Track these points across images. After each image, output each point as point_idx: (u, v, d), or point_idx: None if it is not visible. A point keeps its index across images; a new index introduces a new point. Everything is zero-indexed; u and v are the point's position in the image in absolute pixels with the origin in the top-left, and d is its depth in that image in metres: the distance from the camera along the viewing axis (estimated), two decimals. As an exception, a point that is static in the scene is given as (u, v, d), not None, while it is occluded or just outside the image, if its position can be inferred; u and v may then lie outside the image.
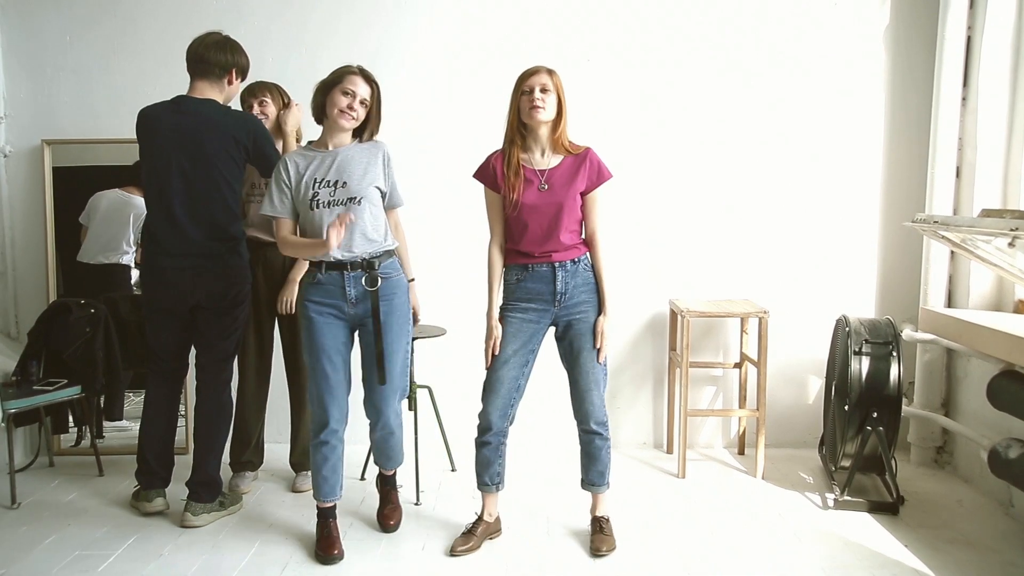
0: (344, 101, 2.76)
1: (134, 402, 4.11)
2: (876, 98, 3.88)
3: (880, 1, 3.83)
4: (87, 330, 3.54)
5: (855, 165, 3.91)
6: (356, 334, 2.89)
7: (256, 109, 3.35)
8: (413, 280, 2.98)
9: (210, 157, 2.97)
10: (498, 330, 2.82)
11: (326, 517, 2.89)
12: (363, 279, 2.78)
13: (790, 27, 3.85)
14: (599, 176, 2.83)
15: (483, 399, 2.84)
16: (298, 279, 3.32)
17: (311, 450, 2.86)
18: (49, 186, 3.90)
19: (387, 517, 3.05)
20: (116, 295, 3.80)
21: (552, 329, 2.91)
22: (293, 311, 3.34)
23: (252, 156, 3.08)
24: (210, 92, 3.05)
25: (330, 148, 2.81)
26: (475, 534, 2.90)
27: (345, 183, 2.76)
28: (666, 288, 3.96)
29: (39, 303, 3.87)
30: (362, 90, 2.79)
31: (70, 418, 3.74)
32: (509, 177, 2.77)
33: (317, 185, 2.75)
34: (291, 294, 3.33)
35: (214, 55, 3.03)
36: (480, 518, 2.95)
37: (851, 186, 3.92)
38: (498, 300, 2.87)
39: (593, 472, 2.93)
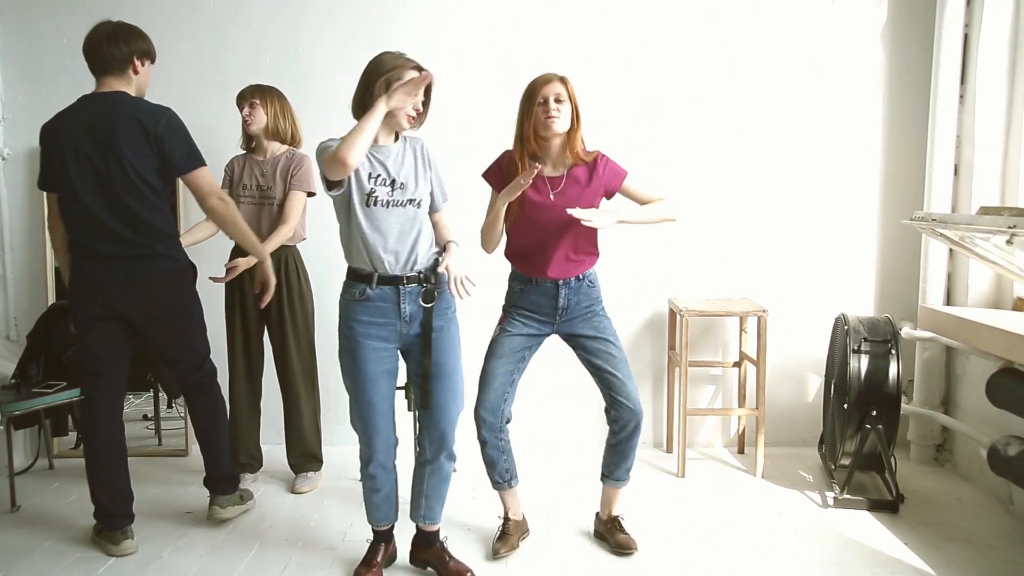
0: (409, 103, 2.41)
1: (134, 404, 4.13)
2: (874, 96, 3.88)
3: (877, -1, 3.84)
4: (86, 332, 3.53)
5: (853, 163, 3.91)
6: (403, 356, 2.63)
7: (245, 111, 3.36)
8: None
9: (122, 148, 2.69)
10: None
11: (380, 540, 2.73)
12: (419, 295, 2.52)
13: (787, 25, 3.85)
14: (616, 177, 2.77)
15: (477, 396, 2.80)
16: (268, 255, 3.11)
17: (362, 478, 2.65)
18: (47, 189, 3.90)
19: (461, 571, 2.67)
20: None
21: (555, 338, 2.89)
22: (264, 298, 3.18)
23: (160, 149, 2.74)
24: (118, 85, 2.79)
25: (378, 143, 2.49)
26: (510, 533, 2.89)
27: (404, 184, 2.48)
28: (665, 287, 3.95)
29: (38, 306, 3.87)
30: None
31: (69, 421, 3.74)
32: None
33: (373, 181, 2.45)
34: (269, 276, 3.14)
35: (108, 49, 2.74)
36: (507, 518, 2.94)
37: (849, 184, 3.92)
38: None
39: (623, 468, 2.91)
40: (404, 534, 2.79)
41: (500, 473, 2.88)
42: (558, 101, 2.64)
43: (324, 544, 2.95)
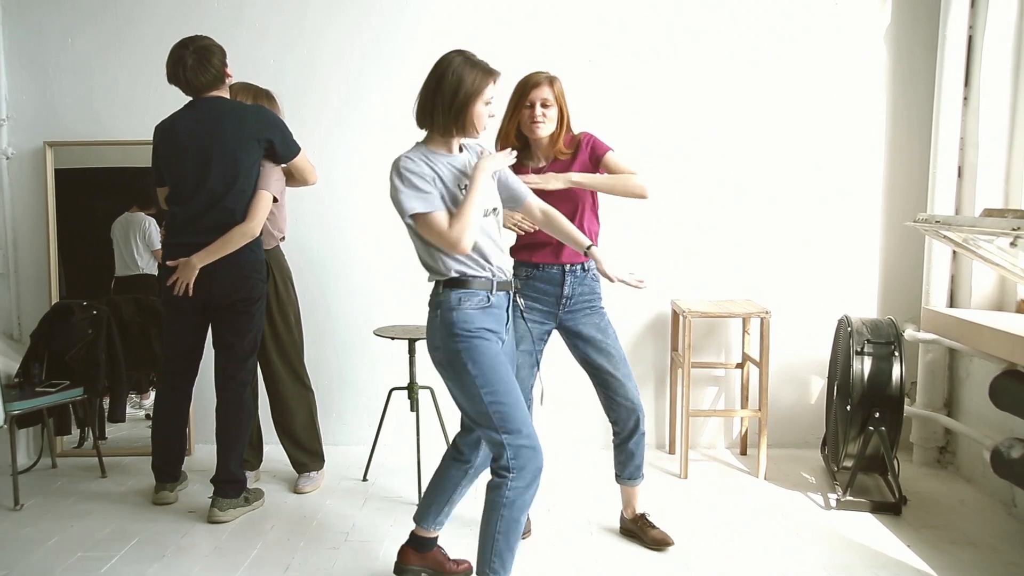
0: (488, 112, 2.31)
1: (136, 403, 4.12)
2: (877, 98, 3.88)
3: (881, 1, 3.82)
4: (89, 332, 3.54)
5: (857, 165, 3.91)
6: None
7: None
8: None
9: (228, 150, 3.01)
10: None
11: None
12: (511, 299, 2.45)
13: (791, 27, 3.85)
14: (594, 152, 2.77)
15: None
16: (199, 265, 3.02)
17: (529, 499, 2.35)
18: (51, 188, 3.91)
19: (466, 569, 2.68)
20: (118, 297, 3.81)
21: (556, 334, 2.89)
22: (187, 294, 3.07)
23: (268, 144, 3.09)
24: (216, 93, 3.10)
25: (453, 152, 2.37)
26: None
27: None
28: (667, 288, 3.95)
29: (41, 305, 3.87)
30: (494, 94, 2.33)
31: (72, 419, 3.75)
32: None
33: (464, 191, 2.32)
34: (188, 277, 3.04)
35: (201, 77, 3.03)
36: None
37: (853, 186, 3.92)
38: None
39: (632, 466, 2.92)
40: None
41: None
42: (544, 106, 2.69)
43: (326, 544, 2.95)
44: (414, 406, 3.43)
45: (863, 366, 3.24)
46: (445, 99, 2.26)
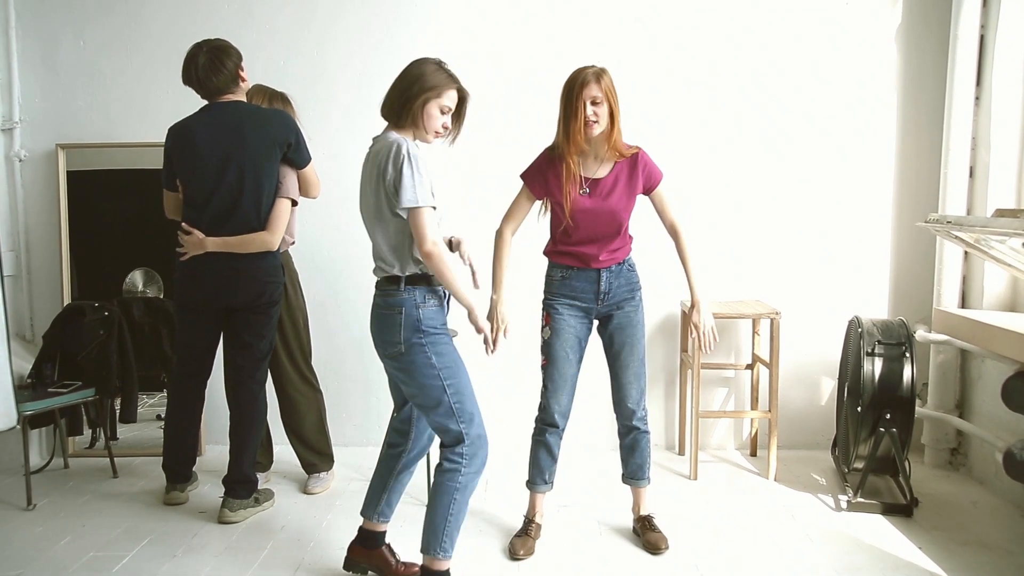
0: (441, 121, 2.41)
1: (147, 404, 4.14)
2: (888, 98, 3.86)
3: (892, 0, 3.81)
4: (101, 333, 3.57)
5: (867, 165, 3.90)
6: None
7: None
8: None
9: (250, 155, 2.99)
10: (506, 319, 2.66)
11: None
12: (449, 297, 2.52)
13: (801, 26, 3.84)
14: (654, 177, 2.82)
15: (548, 396, 2.84)
16: (209, 249, 3.03)
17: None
18: (63, 190, 3.93)
19: (411, 573, 2.67)
20: (129, 298, 3.83)
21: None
22: None
23: (292, 151, 3.08)
24: (232, 97, 3.07)
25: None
26: (531, 536, 2.91)
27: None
28: (677, 289, 3.94)
29: (54, 306, 3.90)
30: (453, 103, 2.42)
31: (84, 420, 3.77)
32: (565, 187, 2.71)
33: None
34: (193, 251, 3.07)
35: (216, 78, 2.99)
36: (532, 520, 2.97)
37: (863, 186, 3.90)
38: (504, 284, 2.73)
39: (632, 465, 2.97)
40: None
41: (550, 474, 2.94)
42: (595, 104, 2.65)
43: (336, 545, 2.96)
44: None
45: (874, 367, 3.23)
46: (402, 85, 2.38)
